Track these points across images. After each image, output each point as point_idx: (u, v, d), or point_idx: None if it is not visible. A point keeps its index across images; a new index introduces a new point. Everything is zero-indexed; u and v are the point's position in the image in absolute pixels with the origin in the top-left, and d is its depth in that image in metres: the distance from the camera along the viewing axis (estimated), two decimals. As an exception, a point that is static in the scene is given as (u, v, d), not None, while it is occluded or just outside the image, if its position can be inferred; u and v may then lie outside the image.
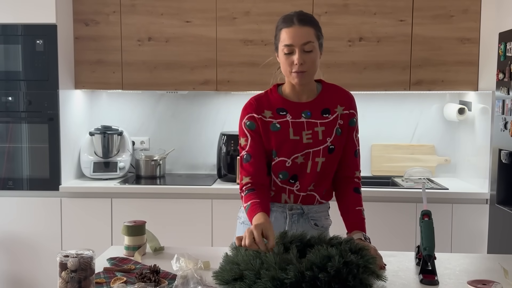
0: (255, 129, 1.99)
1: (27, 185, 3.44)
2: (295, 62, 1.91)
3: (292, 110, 1.99)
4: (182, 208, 3.39)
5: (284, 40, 1.93)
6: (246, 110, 2.03)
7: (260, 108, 2.00)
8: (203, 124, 3.93)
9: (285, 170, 1.98)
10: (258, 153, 1.99)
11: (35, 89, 3.40)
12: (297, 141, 1.97)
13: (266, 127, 1.99)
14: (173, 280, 1.66)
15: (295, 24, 1.92)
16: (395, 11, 3.45)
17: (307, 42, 1.91)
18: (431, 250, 1.72)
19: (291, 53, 1.92)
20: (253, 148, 1.99)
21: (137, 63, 3.56)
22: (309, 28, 1.93)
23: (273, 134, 1.98)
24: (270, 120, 1.99)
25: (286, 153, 1.97)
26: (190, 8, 3.51)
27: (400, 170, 3.82)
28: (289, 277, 1.42)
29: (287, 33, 1.93)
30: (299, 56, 1.90)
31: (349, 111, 2.03)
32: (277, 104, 2.01)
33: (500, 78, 3.05)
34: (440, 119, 3.83)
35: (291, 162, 1.97)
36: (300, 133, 1.97)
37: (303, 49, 1.91)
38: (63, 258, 1.50)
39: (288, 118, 1.98)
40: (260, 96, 2.05)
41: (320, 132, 1.98)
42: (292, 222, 2.00)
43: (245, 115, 2.02)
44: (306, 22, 1.94)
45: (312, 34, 1.93)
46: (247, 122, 2.01)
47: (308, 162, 1.97)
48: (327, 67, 3.47)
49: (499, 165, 3.09)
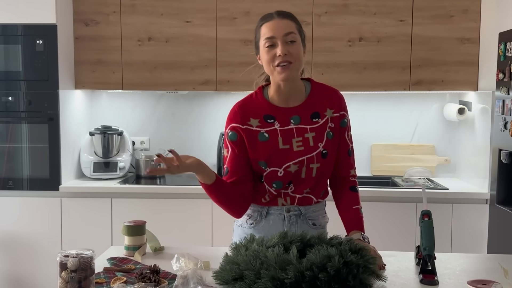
0: (236, 141, 1.93)
1: (27, 185, 3.44)
2: (278, 53, 1.85)
3: (280, 117, 1.93)
4: (182, 208, 3.39)
5: (264, 34, 1.88)
6: (230, 119, 1.96)
7: (246, 117, 1.94)
8: (203, 124, 3.93)
9: (278, 180, 1.93)
10: (235, 166, 1.95)
11: (35, 89, 3.40)
12: (287, 150, 1.92)
13: (253, 137, 1.93)
14: (173, 280, 1.66)
15: (275, 17, 1.89)
16: (395, 11, 3.45)
17: (288, 33, 1.86)
18: (431, 250, 1.72)
19: (273, 46, 1.87)
20: (232, 162, 1.95)
21: (137, 63, 3.56)
22: (290, 21, 1.89)
23: (261, 144, 1.92)
24: (257, 129, 1.92)
25: (277, 163, 1.92)
26: (190, 8, 3.51)
27: (400, 170, 3.82)
28: (289, 277, 1.42)
29: (267, 26, 1.89)
30: (282, 47, 1.84)
31: (339, 113, 1.98)
32: (263, 110, 1.94)
33: (500, 78, 3.05)
34: (440, 119, 3.83)
35: (283, 172, 1.92)
36: (290, 141, 1.92)
37: (285, 40, 1.85)
38: (63, 258, 1.50)
39: (276, 126, 1.92)
40: (245, 101, 1.98)
41: (310, 138, 1.93)
42: (291, 224, 1.98)
43: (229, 124, 1.96)
44: (286, 16, 1.91)
45: (293, 26, 1.89)
46: (229, 132, 1.95)
47: (302, 169, 1.93)
48: (327, 67, 3.48)
49: (499, 165, 3.09)
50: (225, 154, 1.99)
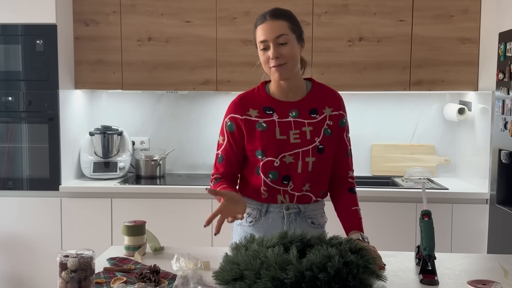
0: (234, 132, 2.00)
1: (27, 185, 3.44)
2: (270, 57, 1.92)
3: (279, 109, 1.99)
4: (182, 208, 3.39)
5: (259, 37, 1.94)
6: (230, 109, 2.03)
7: (245, 107, 2.00)
8: (203, 124, 3.93)
9: (274, 170, 1.97)
10: (231, 157, 2.02)
11: (35, 89, 3.40)
12: (284, 140, 1.96)
13: (251, 127, 1.98)
14: (173, 280, 1.66)
15: (268, 19, 1.93)
16: (395, 11, 3.45)
17: (279, 35, 1.91)
18: (431, 250, 1.72)
19: (267, 49, 1.93)
20: (227, 151, 2.02)
21: (137, 63, 3.56)
22: (282, 21, 1.93)
23: (258, 133, 1.97)
24: (256, 119, 1.98)
25: (273, 153, 1.96)
26: (190, 8, 3.51)
27: (400, 170, 3.82)
28: (289, 277, 1.42)
29: (261, 29, 1.94)
30: (273, 49, 1.91)
31: (338, 112, 2.03)
32: (264, 102, 2.00)
33: (500, 78, 3.05)
34: (440, 119, 3.83)
35: (279, 162, 1.96)
36: (287, 133, 1.96)
37: (277, 43, 1.91)
38: (63, 258, 1.50)
39: (274, 117, 1.98)
40: (246, 93, 2.05)
41: (308, 132, 1.97)
42: (290, 222, 2.00)
43: (228, 114, 2.03)
44: (279, 16, 1.94)
45: (285, 26, 1.92)
46: (228, 122, 2.02)
47: (298, 162, 1.96)
48: (327, 67, 3.48)
49: (499, 165, 3.09)
50: (220, 141, 2.05)
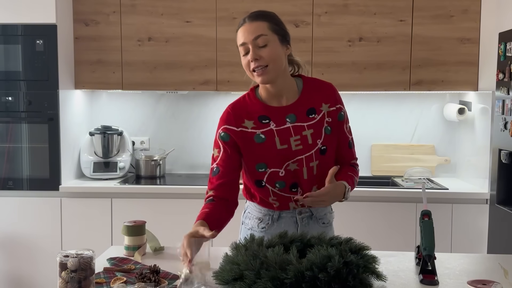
0: (229, 141, 1.91)
1: (27, 185, 3.44)
2: (250, 59, 1.84)
3: (275, 117, 1.90)
4: (182, 208, 3.39)
5: (239, 41, 1.88)
6: (223, 121, 1.94)
7: (240, 119, 1.91)
8: (203, 124, 3.93)
9: (280, 180, 1.92)
10: (227, 167, 1.92)
11: (35, 89, 3.40)
12: (286, 149, 1.89)
13: (249, 139, 1.90)
14: (173, 280, 1.66)
15: (246, 22, 1.87)
16: (395, 11, 3.45)
17: (257, 36, 1.83)
18: (431, 250, 1.72)
19: (248, 53, 1.85)
20: (224, 162, 1.92)
21: (137, 63, 3.56)
22: (260, 22, 1.85)
23: (258, 146, 1.89)
24: (252, 131, 1.90)
25: (277, 164, 1.90)
26: (190, 8, 3.51)
27: (400, 170, 3.82)
28: (289, 277, 1.42)
29: (240, 32, 1.88)
30: (252, 52, 1.83)
31: (335, 107, 1.95)
32: (258, 111, 1.92)
33: (500, 78, 3.05)
34: (440, 119, 3.83)
35: (284, 171, 1.90)
36: (288, 141, 1.89)
37: (256, 45, 1.83)
38: (63, 258, 1.49)
39: (272, 126, 1.90)
40: (237, 102, 1.96)
41: (309, 136, 1.90)
42: (303, 226, 1.98)
43: (221, 126, 1.93)
44: (257, 17, 1.86)
45: (265, 27, 1.84)
46: (221, 133, 1.92)
47: (302, 169, 1.91)
48: (327, 67, 3.48)
49: (499, 165, 3.09)
50: (214, 154, 1.96)
